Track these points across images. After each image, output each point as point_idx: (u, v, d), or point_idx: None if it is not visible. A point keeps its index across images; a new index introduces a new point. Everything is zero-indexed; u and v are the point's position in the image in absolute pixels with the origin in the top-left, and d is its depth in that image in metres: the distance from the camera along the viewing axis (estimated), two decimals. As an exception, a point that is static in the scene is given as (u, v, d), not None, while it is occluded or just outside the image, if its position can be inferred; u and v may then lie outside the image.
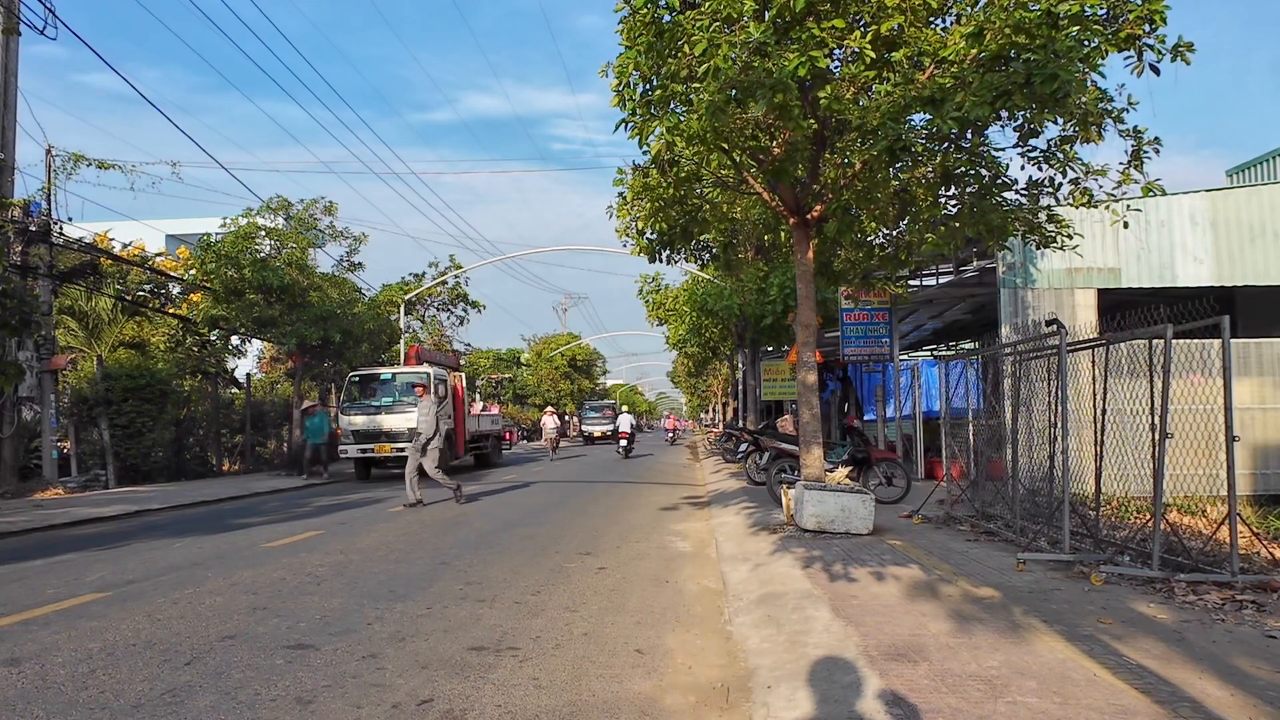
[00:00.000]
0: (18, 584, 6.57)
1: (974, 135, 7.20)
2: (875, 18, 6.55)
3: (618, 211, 8.87)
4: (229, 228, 19.21)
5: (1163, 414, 5.94)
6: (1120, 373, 7.08)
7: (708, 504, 12.28)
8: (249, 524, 10.14)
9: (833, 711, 3.42)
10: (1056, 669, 3.77)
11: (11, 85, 14.96)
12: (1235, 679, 3.63)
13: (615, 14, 6.95)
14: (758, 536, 8.08)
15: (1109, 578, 5.69)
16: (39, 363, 15.22)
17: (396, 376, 19.09)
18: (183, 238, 33.02)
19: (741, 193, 9.47)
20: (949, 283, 16.46)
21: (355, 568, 7.04)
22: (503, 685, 3.97)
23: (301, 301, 19.16)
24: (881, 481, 10.98)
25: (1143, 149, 6.93)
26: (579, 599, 5.86)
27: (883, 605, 5.05)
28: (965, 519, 8.63)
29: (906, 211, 8.40)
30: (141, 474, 17.32)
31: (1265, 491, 12.39)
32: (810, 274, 8.70)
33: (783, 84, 5.93)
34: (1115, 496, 7.81)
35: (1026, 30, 5.90)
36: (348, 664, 4.30)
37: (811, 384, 8.60)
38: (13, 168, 15.05)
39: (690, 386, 59.74)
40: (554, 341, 55.40)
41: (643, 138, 7.05)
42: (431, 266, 29.53)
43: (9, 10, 13.94)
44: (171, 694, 3.83)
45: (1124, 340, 6.55)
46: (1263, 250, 13.26)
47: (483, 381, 45.00)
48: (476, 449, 22.56)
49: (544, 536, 8.96)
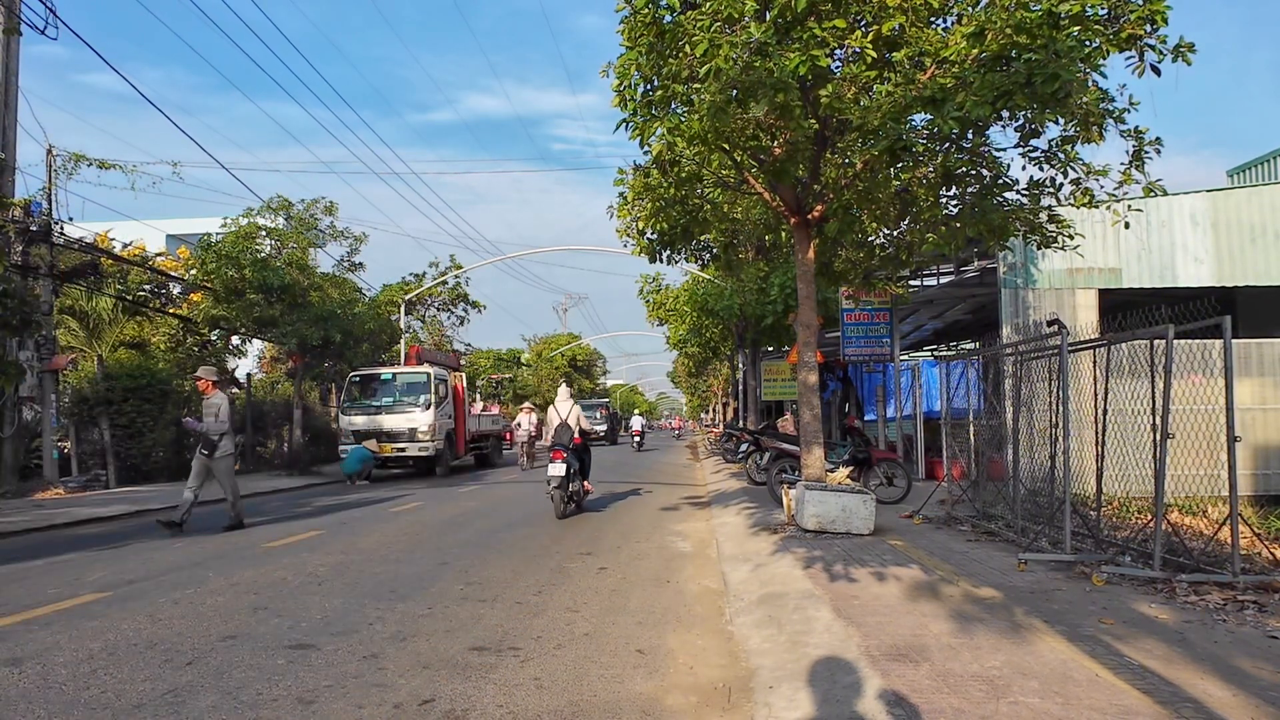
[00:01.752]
0: (18, 584, 6.56)
1: (975, 135, 7.19)
2: (876, 18, 6.55)
3: (618, 212, 8.87)
4: (229, 228, 19.19)
5: (1164, 414, 5.93)
6: (1121, 373, 7.08)
7: (708, 504, 12.27)
8: (249, 524, 10.13)
9: (834, 712, 3.42)
10: (1058, 669, 3.77)
11: (12, 85, 14.96)
12: (1237, 679, 3.62)
13: (616, 14, 6.95)
14: (758, 537, 8.08)
15: (1110, 578, 5.69)
16: (39, 363, 15.22)
17: (397, 376, 19.09)
18: (183, 238, 32.99)
19: (742, 193, 9.47)
20: (950, 283, 16.46)
21: (356, 568, 7.04)
22: (504, 685, 3.97)
23: (302, 301, 19.15)
24: (882, 482, 10.98)
25: (1144, 149, 6.93)
26: (580, 599, 5.86)
27: (884, 605, 5.05)
28: (966, 519, 8.63)
29: (907, 211, 8.40)
30: (142, 474, 17.31)
31: (1266, 492, 12.39)
32: (811, 274, 8.70)
33: (784, 84, 5.92)
34: (1116, 497, 7.80)
35: (1028, 30, 5.90)
36: (349, 664, 4.30)
37: (812, 384, 8.59)
38: (13, 168, 15.05)
39: (690, 386, 59.73)
40: (554, 341, 55.42)
41: (644, 138, 7.05)
42: (432, 266, 29.55)
43: (10, 10, 13.94)
44: (173, 694, 3.83)
45: (1125, 340, 6.55)
46: (1263, 250, 13.26)
47: (483, 381, 44.95)
48: (477, 449, 22.57)
49: (545, 536, 8.96)
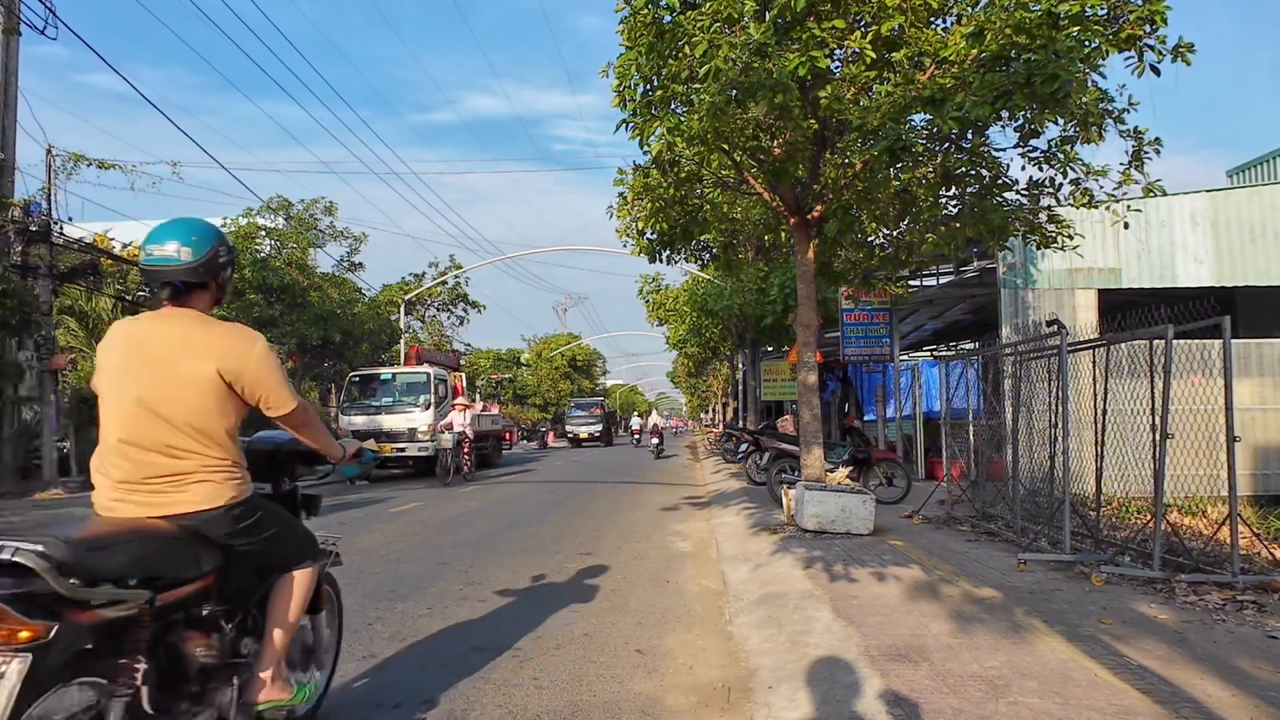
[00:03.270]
0: (18, 584, 6.56)
1: (974, 135, 7.20)
2: (876, 18, 6.55)
3: (618, 212, 8.87)
4: (229, 228, 19.23)
5: (1163, 414, 5.94)
6: (1121, 373, 7.08)
7: (708, 504, 12.27)
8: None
9: (834, 712, 3.42)
10: (1058, 669, 3.77)
11: (12, 85, 14.97)
12: (1237, 679, 3.63)
13: (616, 14, 6.95)
14: (758, 537, 8.08)
15: (1110, 578, 5.69)
16: (39, 363, 15.22)
17: (396, 377, 19.09)
18: (183, 238, 32.91)
19: (742, 193, 9.47)
20: (949, 283, 16.46)
21: (356, 567, 7.04)
22: (503, 685, 3.97)
23: (302, 301, 19.18)
24: (882, 482, 10.98)
25: (1143, 149, 6.94)
26: (580, 599, 5.86)
27: (884, 605, 5.05)
28: (966, 519, 8.63)
29: (907, 212, 8.40)
30: (142, 474, 17.28)
31: (1266, 492, 12.39)
32: (811, 274, 8.70)
33: (783, 84, 5.93)
34: (1116, 497, 7.80)
35: (1027, 30, 5.90)
36: (348, 664, 4.30)
37: (812, 384, 8.59)
38: (13, 168, 15.07)
39: (690, 386, 59.72)
40: (554, 342, 55.45)
41: (644, 138, 7.05)
42: (432, 266, 29.60)
43: (9, 10, 13.94)
44: (172, 694, 3.83)
45: (1125, 341, 6.55)
46: (1263, 250, 13.26)
47: (483, 382, 44.99)
48: (477, 449, 22.56)
49: (544, 536, 8.96)
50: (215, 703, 2.57)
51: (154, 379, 2.50)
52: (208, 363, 2.51)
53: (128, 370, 2.53)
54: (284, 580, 2.84)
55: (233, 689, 2.61)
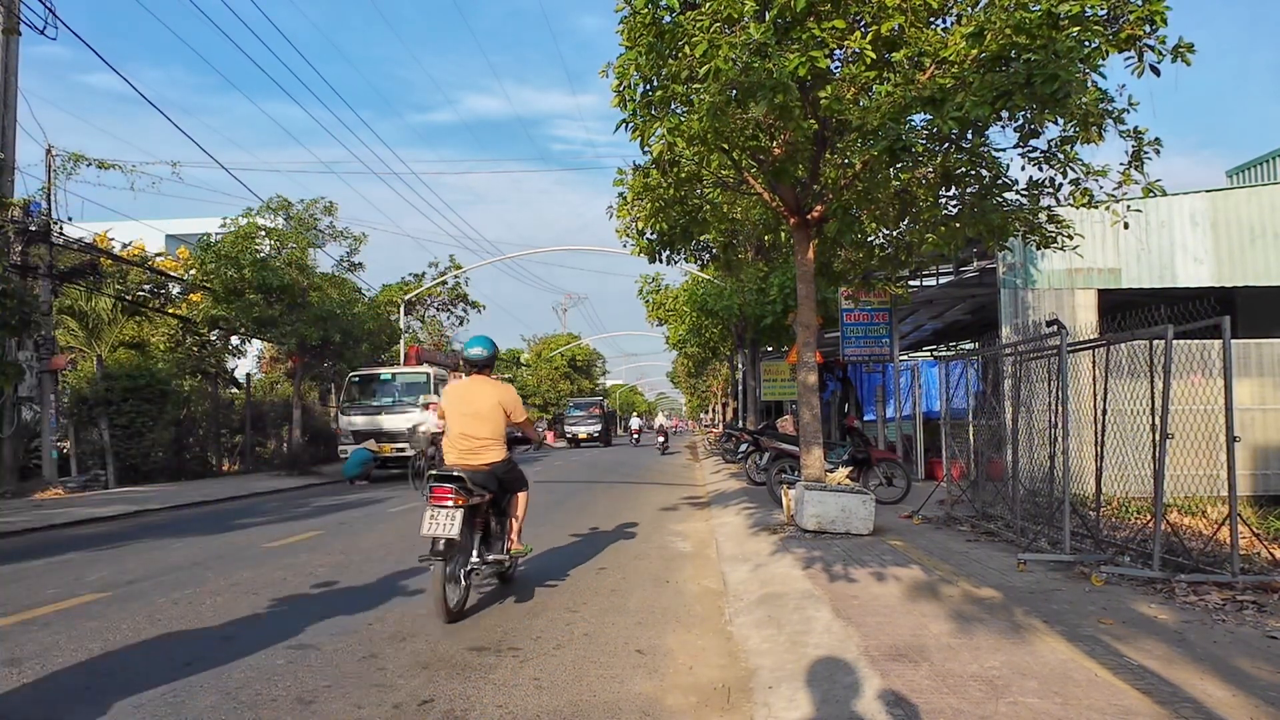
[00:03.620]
0: (18, 584, 6.56)
1: (974, 135, 7.19)
2: (876, 18, 6.54)
3: (618, 212, 8.87)
4: (229, 228, 19.18)
5: (1163, 414, 5.93)
6: (1121, 373, 7.08)
7: (708, 504, 12.27)
8: (249, 524, 10.14)
9: (834, 712, 3.42)
10: (1058, 669, 3.77)
11: (12, 85, 14.96)
12: (1236, 679, 3.63)
13: (615, 14, 6.95)
14: (758, 537, 8.08)
15: (1110, 578, 5.69)
16: (39, 363, 15.21)
17: (396, 377, 19.09)
18: (183, 238, 32.97)
19: (742, 193, 9.46)
20: (949, 283, 16.46)
21: (356, 568, 7.05)
22: (503, 685, 3.97)
23: (301, 301, 19.14)
24: (882, 482, 10.98)
25: (1143, 149, 6.93)
26: (580, 599, 5.86)
27: (883, 606, 5.05)
28: (965, 519, 8.63)
29: (907, 212, 8.40)
30: (141, 474, 17.30)
31: (1266, 492, 12.40)
32: (810, 274, 8.69)
33: (783, 84, 5.92)
34: (1115, 497, 7.80)
35: (1027, 31, 5.90)
36: (348, 664, 4.30)
37: (812, 384, 8.59)
38: (13, 168, 15.05)
39: (690, 387, 59.71)
40: (554, 342, 55.38)
41: (644, 138, 7.05)
42: (431, 266, 29.55)
43: (9, 10, 13.93)
44: (172, 693, 3.83)
45: (1124, 341, 6.55)
46: (1263, 251, 13.27)
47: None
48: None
49: (544, 536, 8.95)
50: (497, 547, 5.80)
51: (472, 408, 5.52)
52: (495, 399, 5.56)
53: (461, 402, 5.54)
54: (516, 496, 5.90)
55: (503, 540, 5.85)
